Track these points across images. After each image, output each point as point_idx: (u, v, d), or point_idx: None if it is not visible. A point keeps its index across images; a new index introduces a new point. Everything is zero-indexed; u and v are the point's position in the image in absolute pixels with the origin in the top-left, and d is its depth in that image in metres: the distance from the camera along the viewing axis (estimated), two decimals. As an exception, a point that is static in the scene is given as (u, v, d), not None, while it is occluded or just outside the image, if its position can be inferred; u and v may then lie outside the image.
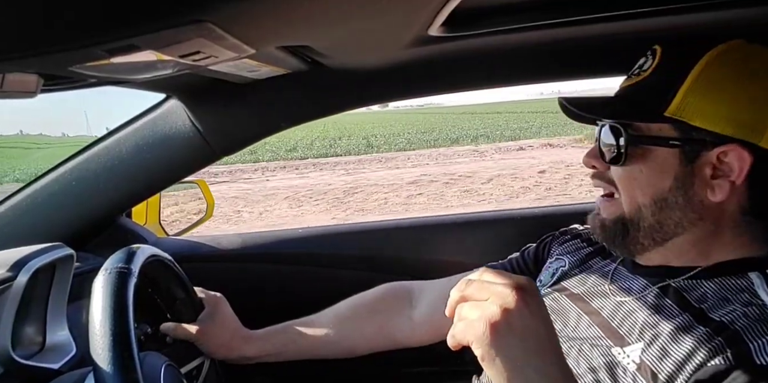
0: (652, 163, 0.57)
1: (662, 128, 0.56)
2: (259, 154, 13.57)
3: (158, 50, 0.39)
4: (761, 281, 0.53)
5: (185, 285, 0.82)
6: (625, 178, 0.59)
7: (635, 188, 0.58)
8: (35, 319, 0.72)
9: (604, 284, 0.65)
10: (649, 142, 0.57)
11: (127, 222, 1.06)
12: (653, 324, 0.55)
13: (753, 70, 0.55)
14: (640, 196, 0.58)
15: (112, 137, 0.91)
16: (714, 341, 0.49)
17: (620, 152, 0.58)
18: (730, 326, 0.50)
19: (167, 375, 0.64)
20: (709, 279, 0.56)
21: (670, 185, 0.56)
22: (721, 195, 0.55)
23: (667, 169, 0.56)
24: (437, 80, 0.91)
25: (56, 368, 0.68)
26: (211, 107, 0.90)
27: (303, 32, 0.58)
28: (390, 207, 6.56)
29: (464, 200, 6.61)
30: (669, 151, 0.56)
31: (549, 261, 0.76)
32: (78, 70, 0.39)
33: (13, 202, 0.93)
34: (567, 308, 0.66)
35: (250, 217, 6.46)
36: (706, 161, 0.55)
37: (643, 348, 0.54)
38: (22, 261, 0.66)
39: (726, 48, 0.55)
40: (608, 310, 0.61)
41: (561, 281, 0.70)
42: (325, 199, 7.28)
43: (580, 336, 0.61)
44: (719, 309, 0.52)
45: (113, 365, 0.52)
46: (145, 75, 0.50)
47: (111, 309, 0.55)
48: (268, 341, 0.85)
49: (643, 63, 0.60)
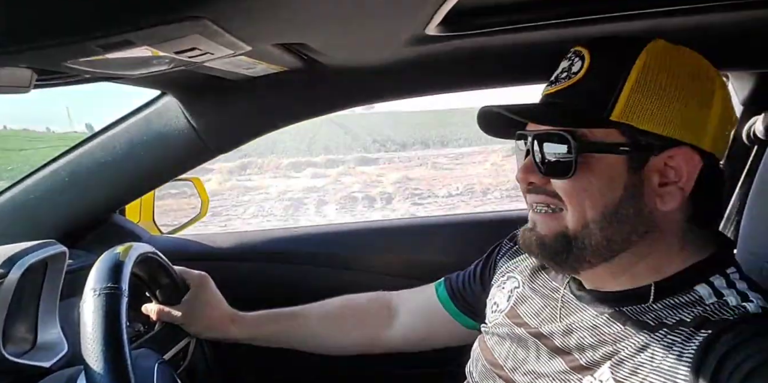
0: (601, 172, 0.52)
1: (609, 133, 0.52)
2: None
3: (153, 46, 0.39)
4: (708, 291, 0.52)
5: (169, 271, 0.82)
6: (574, 190, 0.53)
7: (585, 200, 0.53)
8: (27, 316, 0.71)
9: (556, 311, 0.62)
10: (598, 149, 0.52)
11: (121, 220, 1.05)
12: (614, 348, 0.54)
13: (691, 71, 0.53)
14: (590, 210, 0.53)
15: (105, 133, 0.91)
16: (677, 339, 0.50)
17: (569, 162, 0.52)
18: (690, 323, 0.50)
19: (160, 374, 0.64)
20: (657, 302, 0.54)
21: (621, 196, 0.52)
22: (672, 203, 0.52)
23: (616, 178, 0.52)
24: (434, 80, 0.91)
25: (47, 366, 0.68)
26: (207, 105, 0.89)
27: (299, 30, 0.57)
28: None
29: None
30: (617, 158, 0.52)
31: (501, 280, 0.73)
32: (72, 65, 0.39)
33: (5, 198, 0.92)
34: (525, 339, 0.63)
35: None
36: (653, 168, 0.52)
37: (611, 368, 0.53)
38: (14, 258, 0.66)
39: (659, 49, 0.53)
40: (565, 340, 0.59)
41: (516, 308, 0.67)
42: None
43: (546, 371, 0.59)
44: (673, 318, 0.52)
45: (105, 367, 0.52)
46: (140, 71, 0.49)
47: (103, 334, 0.54)
48: (257, 327, 0.85)
49: (569, 66, 0.55)
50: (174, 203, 1.88)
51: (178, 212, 1.28)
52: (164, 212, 1.20)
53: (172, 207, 1.72)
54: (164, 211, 1.20)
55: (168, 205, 1.21)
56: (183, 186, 1.18)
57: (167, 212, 1.22)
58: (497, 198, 6.67)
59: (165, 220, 1.18)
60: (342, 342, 0.87)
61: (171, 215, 1.29)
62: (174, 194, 1.62)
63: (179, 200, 1.71)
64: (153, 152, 0.90)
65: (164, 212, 1.20)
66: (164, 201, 1.18)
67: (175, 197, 1.82)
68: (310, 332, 0.86)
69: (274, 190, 7.84)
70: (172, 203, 1.88)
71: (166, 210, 1.21)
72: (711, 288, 0.53)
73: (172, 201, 1.89)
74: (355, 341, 0.87)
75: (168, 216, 1.22)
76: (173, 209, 1.42)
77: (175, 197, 1.78)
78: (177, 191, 1.22)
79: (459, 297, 0.81)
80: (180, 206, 1.50)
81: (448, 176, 8.49)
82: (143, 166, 0.91)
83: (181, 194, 1.21)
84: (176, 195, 1.41)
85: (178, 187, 1.18)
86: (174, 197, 1.83)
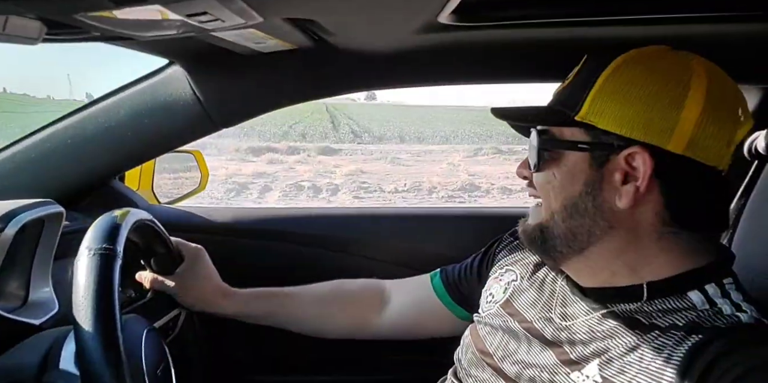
0: (564, 168, 0.57)
1: (574, 132, 0.57)
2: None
3: (165, 6, 0.39)
4: (701, 299, 0.53)
5: (165, 242, 0.82)
6: (541, 183, 0.60)
7: (549, 193, 0.59)
8: (19, 273, 0.72)
9: (551, 306, 0.64)
10: (560, 146, 0.57)
11: (120, 186, 1.06)
12: (604, 345, 0.55)
13: (661, 72, 0.54)
14: (553, 202, 0.58)
15: (110, 98, 0.91)
16: (668, 342, 0.50)
17: (537, 157, 0.59)
18: (682, 327, 0.51)
19: (148, 341, 0.65)
20: (650, 302, 0.55)
21: (580, 191, 0.56)
22: (626, 200, 0.54)
23: (577, 174, 0.56)
24: (443, 70, 0.91)
25: (37, 324, 0.68)
26: (214, 77, 0.89)
27: (311, 4, 0.57)
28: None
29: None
30: (580, 155, 0.56)
31: (499, 272, 0.75)
32: (82, 18, 0.39)
33: (5, 156, 0.92)
34: (517, 331, 0.65)
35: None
36: (615, 166, 0.54)
37: (599, 365, 0.54)
38: (10, 214, 0.66)
39: (636, 53, 0.56)
40: (556, 333, 0.60)
41: (512, 300, 0.69)
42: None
43: (536, 362, 0.60)
44: (666, 321, 0.53)
45: (94, 330, 0.53)
46: (150, 33, 0.49)
47: (95, 296, 0.55)
48: (248, 304, 0.86)
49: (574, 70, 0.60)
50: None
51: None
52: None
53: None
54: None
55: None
56: (183, 158, 1.18)
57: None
58: (441, 198, 6.76)
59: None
60: (330, 324, 0.88)
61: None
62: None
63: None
64: (156, 121, 0.90)
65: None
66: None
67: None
68: (300, 312, 0.87)
69: (223, 172, 7.81)
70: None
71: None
72: (704, 295, 0.53)
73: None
74: (343, 324, 0.88)
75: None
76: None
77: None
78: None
79: (454, 287, 0.82)
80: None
81: (403, 172, 8.51)
82: (146, 134, 0.91)
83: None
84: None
85: (178, 159, 1.18)
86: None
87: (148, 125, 0.90)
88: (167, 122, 0.91)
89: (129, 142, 0.92)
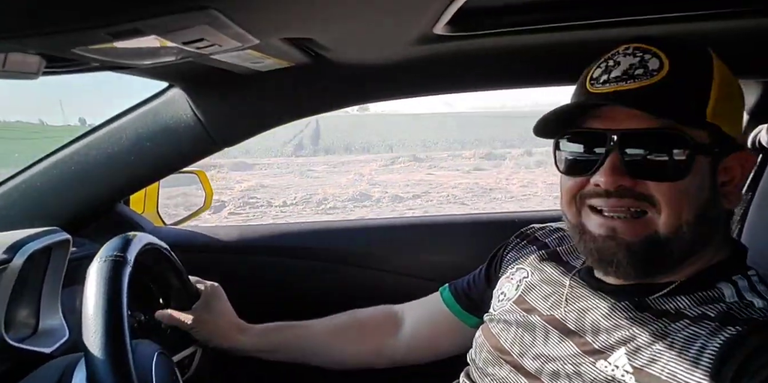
0: (697, 174, 0.52)
1: (701, 135, 0.52)
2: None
3: (162, 36, 0.39)
4: (732, 291, 0.53)
5: (181, 274, 0.82)
6: (675, 193, 0.51)
7: (684, 203, 0.52)
8: (29, 302, 0.72)
9: (563, 297, 0.63)
10: (701, 150, 0.52)
11: (125, 210, 1.06)
12: (630, 333, 0.54)
13: (729, 72, 0.56)
14: (686, 212, 0.52)
15: (112, 124, 0.91)
16: (701, 332, 0.50)
17: (681, 163, 0.51)
18: (715, 318, 0.50)
19: (159, 364, 0.64)
20: (678, 294, 0.54)
21: (707, 197, 0.53)
22: (736, 202, 0.55)
23: (705, 180, 0.53)
24: (441, 80, 0.91)
25: (48, 352, 0.68)
26: (214, 98, 0.90)
27: (307, 24, 0.58)
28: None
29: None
30: (705, 159, 0.52)
31: (510, 271, 0.74)
32: (81, 52, 0.39)
33: (11, 185, 0.93)
34: (533, 323, 0.64)
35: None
36: (722, 169, 0.54)
37: (627, 354, 0.53)
38: (18, 244, 0.66)
39: (716, 57, 0.56)
40: (578, 324, 0.59)
41: (525, 295, 0.68)
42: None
43: (557, 354, 0.59)
44: (695, 311, 0.53)
45: (105, 351, 0.52)
46: (149, 61, 0.50)
47: (105, 297, 0.55)
48: (263, 338, 0.86)
49: (640, 63, 0.52)
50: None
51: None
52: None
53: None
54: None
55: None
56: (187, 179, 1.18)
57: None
58: (328, 208, 6.74)
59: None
60: (348, 352, 0.86)
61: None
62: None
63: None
64: (159, 143, 0.91)
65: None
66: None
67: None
68: (316, 343, 0.86)
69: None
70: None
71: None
72: (735, 287, 0.54)
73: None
74: (360, 351, 0.86)
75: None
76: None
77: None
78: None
79: (463, 296, 0.82)
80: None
81: (306, 185, 8.39)
82: (149, 157, 0.92)
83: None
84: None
85: (182, 180, 1.19)
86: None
87: (151, 148, 0.91)
88: (169, 144, 0.91)
89: (133, 166, 0.92)
